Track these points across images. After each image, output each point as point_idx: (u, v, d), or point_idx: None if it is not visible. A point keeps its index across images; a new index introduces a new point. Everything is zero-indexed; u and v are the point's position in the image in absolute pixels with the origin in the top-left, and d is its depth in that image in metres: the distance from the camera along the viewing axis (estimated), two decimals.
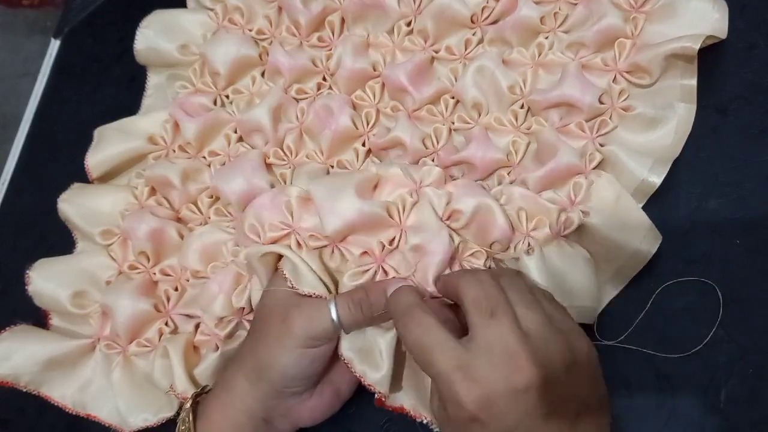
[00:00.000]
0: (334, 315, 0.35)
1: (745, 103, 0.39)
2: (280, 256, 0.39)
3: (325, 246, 0.39)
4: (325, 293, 0.37)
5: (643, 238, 0.37)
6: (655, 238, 0.37)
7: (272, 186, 0.44)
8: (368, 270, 0.38)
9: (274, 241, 0.39)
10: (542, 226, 0.38)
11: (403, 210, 0.38)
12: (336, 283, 0.39)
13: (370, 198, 0.39)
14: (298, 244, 0.39)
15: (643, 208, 0.39)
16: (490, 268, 0.38)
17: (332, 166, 0.46)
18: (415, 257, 0.37)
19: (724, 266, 0.37)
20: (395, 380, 0.38)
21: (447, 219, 0.38)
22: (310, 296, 0.37)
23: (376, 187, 0.40)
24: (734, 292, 0.36)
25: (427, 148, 0.43)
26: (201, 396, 0.39)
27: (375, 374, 0.37)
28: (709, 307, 0.36)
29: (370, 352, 0.37)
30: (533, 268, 0.37)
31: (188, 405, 0.38)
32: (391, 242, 0.38)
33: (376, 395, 0.38)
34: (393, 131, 0.43)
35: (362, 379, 0.37)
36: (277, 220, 0.39)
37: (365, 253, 0.38)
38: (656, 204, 0.39)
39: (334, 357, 0.38)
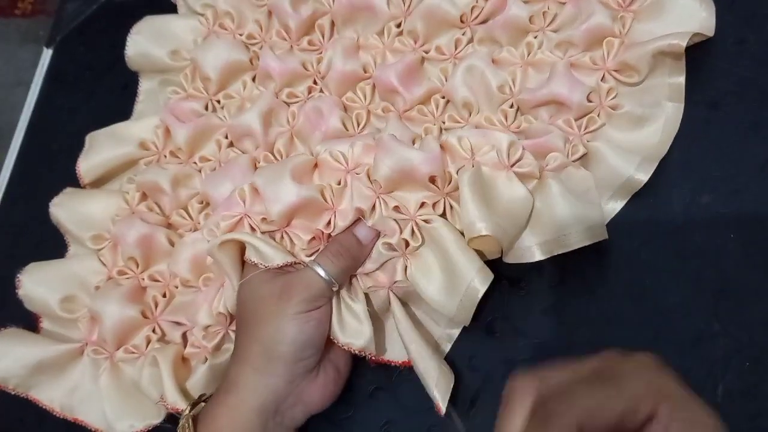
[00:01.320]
0: (322, 273, 0.37)
1: (736, 98, 0.39)
2: (243, 251, 0.40)
3: (275, 231, 0.41)
4: (297, 259, 0.39)
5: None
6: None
7: None
8: (318, 251, 0.40)
9: (230, 231, 0.41)
10: (489, 152, 0.39)
11: (333, 194, 0.40)
12: None
13: (310, 180, 0.41)
14: (252, 228, 0.41)
15: (636, 203, 0.39)
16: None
17: None
18: None
19: (719, 260, 0.36)
20: (379, 340, 0.40)
21: (379, 190, 0.39)
22: (286, 266, 0.39)
23: (316, 166, 0.42)
24: (729, 286, 0.36)
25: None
26: (198, 405, 0.38)
27: (359, 341, 0.38)
28: (703, 301, 0.36)
29: (347, 324, 0.39)
30: (465, 183, 0.37)
31: (187, 412, 0.37)
32: (327, 225, 0.40)
33: (368, 358, 0.39)
34: (383, 132, 0.43)
35: (350, 349, 0.38)
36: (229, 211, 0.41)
37: (313, 239, 0.40)
38: (649, 199, 0.39)
39: (329, 339, 0.39)
